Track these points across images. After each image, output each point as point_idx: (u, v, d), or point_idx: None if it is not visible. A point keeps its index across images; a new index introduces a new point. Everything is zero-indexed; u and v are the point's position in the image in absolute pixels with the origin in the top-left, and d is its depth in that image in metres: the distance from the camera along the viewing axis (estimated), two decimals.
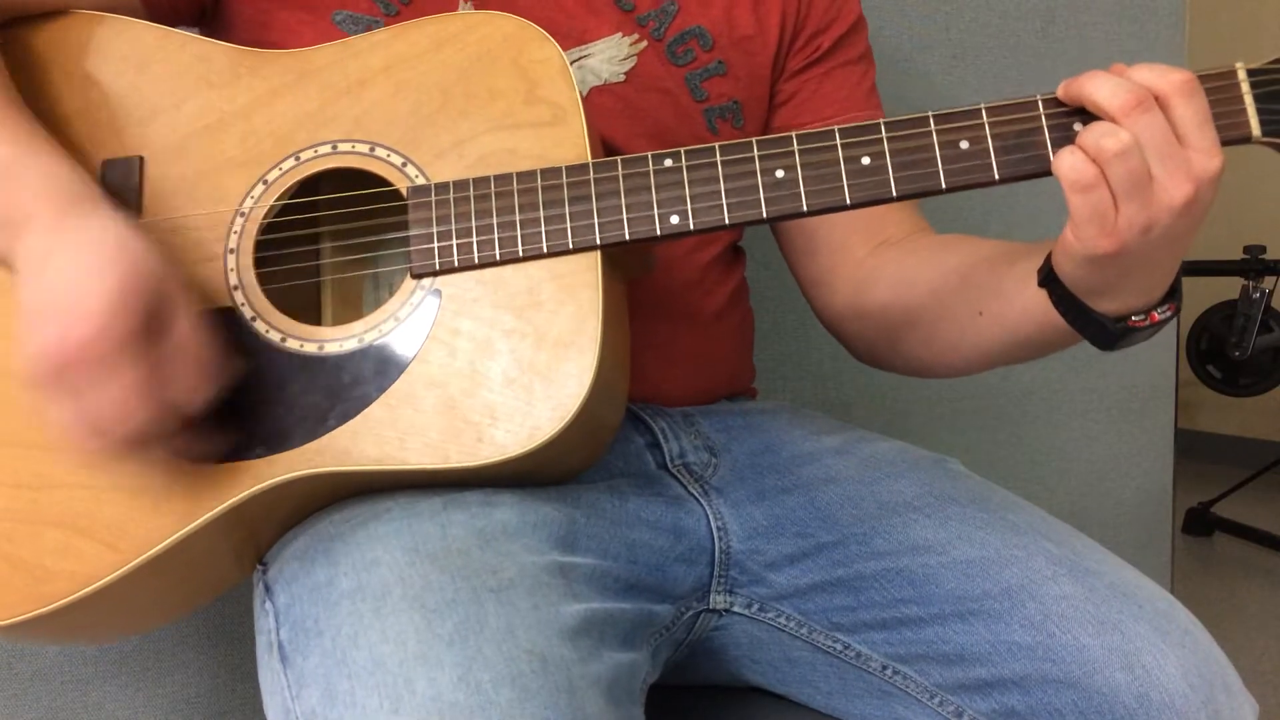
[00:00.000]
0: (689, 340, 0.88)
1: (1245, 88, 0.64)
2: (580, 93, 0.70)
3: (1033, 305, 0.71)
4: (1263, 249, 2.70)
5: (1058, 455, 1.49)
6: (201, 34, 0.84)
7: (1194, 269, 1.93)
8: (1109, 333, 0.68)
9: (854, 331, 0.91)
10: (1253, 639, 2.20)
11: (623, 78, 0.84)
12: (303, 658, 0.60)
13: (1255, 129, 0.64)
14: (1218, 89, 0.64)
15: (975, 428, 1.45)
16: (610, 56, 0.83)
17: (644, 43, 0.84)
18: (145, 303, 0.61)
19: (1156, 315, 0.68)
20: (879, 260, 0.87)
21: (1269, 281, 2.71)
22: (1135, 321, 0.68)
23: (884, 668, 0.75)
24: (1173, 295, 0.69)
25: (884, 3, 1.32)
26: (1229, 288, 2.81)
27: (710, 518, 0.79)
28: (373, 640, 0.57)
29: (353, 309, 0.80)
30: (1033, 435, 1.48)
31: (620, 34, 0.84)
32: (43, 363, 0.60)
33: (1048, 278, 0.69)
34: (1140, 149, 0.61)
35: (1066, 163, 0.62)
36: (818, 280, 0.92)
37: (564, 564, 0.65)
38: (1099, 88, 0.62)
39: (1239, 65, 0.64)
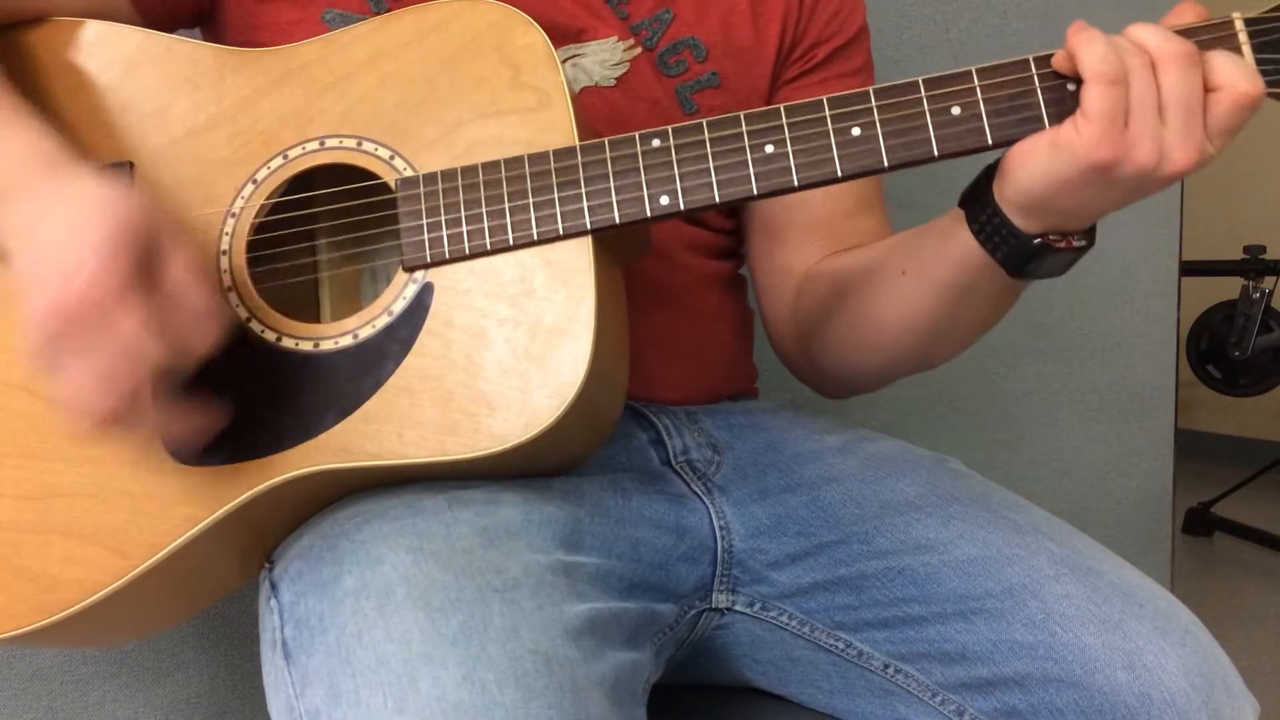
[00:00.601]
0: (688, 338, 0.88)
1: (1243, 38, 0.63)
2: (571, 88, 0.70)
3: (950, 242, 0.71)
4: (1263, 249, 2.70)
5: (1058, 455, 1.49)
6: (201, 36, 0.85)
7: (1194, 269, 1.93)
8: (1024, 250, 0.67)
9: (794, 336, 0.90)
10: (1253, 639, 2.21)
11: (613, 83, 0.83)
12: (307, 656, 0.60)
13: None
14: (1215, 40, 0.63)
15: (976, 428, 1.45)
16: (603, 60, 0.83)
17: (638, 49, 0.84)
18: (136, 248, 0.60)
19: (1073, 241, 0.67)
20: (827, 260, 0.87)
21: (1269, 281, 2.72)
22: (1052, 240, 0.66)
23: (886, 666, 0.76)
24: (1090, 230, 0.68)
25: (884, 3, 1.32)
26: (1229, 288, 2.82)
27: (713, 516, 0.79)
28: (377, 639, 0.57)
29: (351, 303, 0.80)
30: (1033, 435, 1.48)
31: (616, 38, 0.83)
32: (46, 325, 0.59)
33: (971, 195, 0.69)
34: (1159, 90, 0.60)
35: (1098, 52, 0.60)
36: (769, 285, 0.92)
37: (568, 563, 0.65)
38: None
39: (1236, 15, 0.63)
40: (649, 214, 0.67)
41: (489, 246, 0.68)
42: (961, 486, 0.79)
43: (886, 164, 0.65)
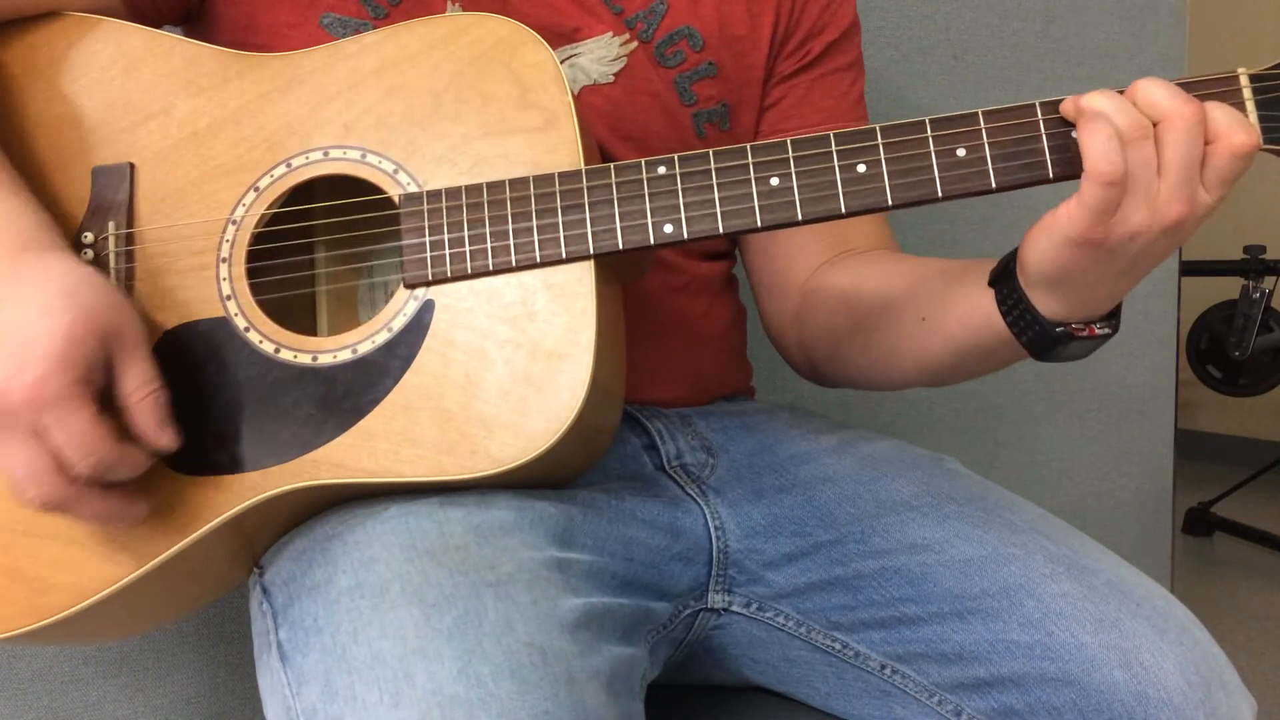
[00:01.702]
0: (681, 341, 0.88)
1: (1247, 94, 0.63)
2: (571, 92, 0.69)
3: (975, 310, 0.72)
4: (1263, 249, 2.70)
5: (1058, 455, 1.49)
6: (186, 35, 0.84)
7: (1194, 269, 1.94)
8: (1047, 337, 0.68)
9: (796, 340, 0.90)
10: (1253, 639, 2.20)
11: (612, 79, 0.83)
12: (302, 656, 0.61)
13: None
14: (1219, 95, 0.63)
15: (975, 428, 1.45)
16: (600, 57, 0.83)
17: (634, 44, 0.84)
18: (97, 345, 0.62)
19: (1095, 329, 0.68)
20: (833, 268, 0.87)
21: (1269, 281, 2.72)
22: (1075, 329, 0.68)
23: (883, 667, 0.76)
24: (1113, 317, 0.69)
25: (884, 3, 1.32)
26: (1229, 288, 2.82)
27: (708, 517, 0.79)
28: (372, 636, 0.57)
29: (348, 316, 0.79)
30: (1033, 435, 1.48)
31: (611, 34, 0.83)
32: None
33: (999, 276, 0.69)
34: (1162, 149, 0.61)
35: (1099, 150, 0.61)
36: (770, 285, 0.92)
37: (561, 559, 0.65)
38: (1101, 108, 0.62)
39: (1241, 71, 0.64)
40: (652, 241, 0.67)
41: (491, 266, 0.67)
42: (958, 486, 0.79)
43: (891, 202, 0.65)
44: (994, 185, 0.65)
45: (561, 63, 0.70)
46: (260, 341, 0.69)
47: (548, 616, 0.59)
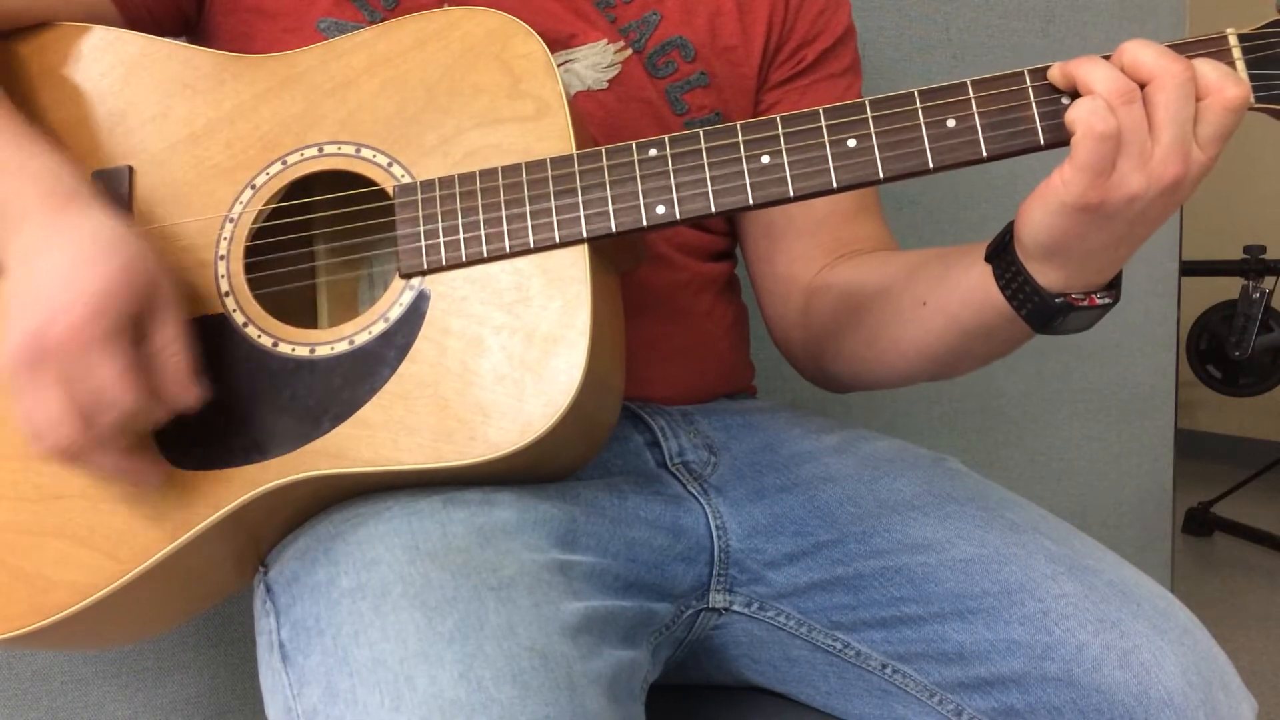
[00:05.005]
0: (682, 340, 0.88)
1: (1237, 54, 0.63)
2: (568, 96, 0.70)
3: (975, 288, 0.71)
4: (1263, 249, 2.70)
5: (1058, 455, 1.49)
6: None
7: (1194, 269, 1.94)
8: (1047, 308, 0.68)
9: (802, 341, 0.90)
10: (1253, 639, 2.20)
11: (606, 85, 0.83)
12: (304, 656, 0.61)
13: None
14: (1208, 55, 0.63)
15: (975, 428, 1.45)
16: (594, 63, 0.83)
17: (628, 51, 0.84)
18: (134, 298, 0.62)
19: (1096, 299, 0.68)
20: (834, 268, 0.87)
21: (1269, 281, 2.72)
22: (1075, 299, 0.67)
23: (883, 666, 0.76)
24: (1114, 286, 0.69)
25: (884, 3, 1.32)
26: (1229, 288, 2.82)
27: (709, 516, 0.79)
28: (373, 638, 0.57)
29: (348, 309, 0.80)
30: (1033, 435, 1.48)
31: (606, 41, 0.83)
32: (22, 352, 0.61)
33: (996, 250, 0.69)
34: (1153, 109, 0.61)
35: (1087, 107, 0.61)
36: (773, 289, 0.92)
37: (564, 562, 0.65)
38: (1092, 73, 0.62)
39: (1229, 31, 0.64)
40: (645, 223, 0.67)
41: (486, 254, 0.68)
42: (959, 486, 0.79)
43: (881, 175, 0.65)
44: (985, 154, 0.65)
45: (557, 67, 0.70)
46: (259, 336, 0.70)
47: (549, 620, 0.59)
